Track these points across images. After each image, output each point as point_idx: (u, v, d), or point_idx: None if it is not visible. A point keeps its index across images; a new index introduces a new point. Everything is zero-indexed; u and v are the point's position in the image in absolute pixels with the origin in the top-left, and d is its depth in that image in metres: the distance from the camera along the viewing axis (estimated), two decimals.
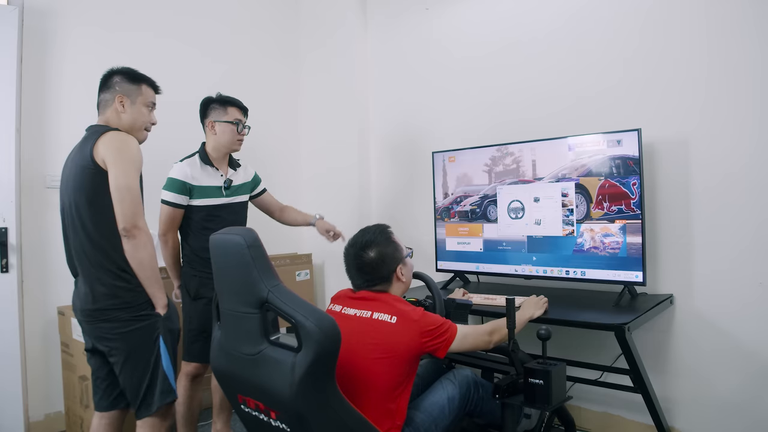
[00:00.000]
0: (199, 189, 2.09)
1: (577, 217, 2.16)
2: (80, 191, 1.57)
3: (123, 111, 1.68)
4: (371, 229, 1.70)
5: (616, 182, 2.05)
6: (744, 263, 1.96)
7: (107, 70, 1.74)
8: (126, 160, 1.56)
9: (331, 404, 1.29)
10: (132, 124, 1.70)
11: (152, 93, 1.77)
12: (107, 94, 1.70)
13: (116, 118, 1.68)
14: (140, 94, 1.72)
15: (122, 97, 1.68)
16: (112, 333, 1.57)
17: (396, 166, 3.21)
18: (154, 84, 1.78)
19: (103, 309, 1.56)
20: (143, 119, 1.73)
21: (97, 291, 1.57)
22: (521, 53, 2.58)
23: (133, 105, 1.70)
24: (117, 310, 1.56)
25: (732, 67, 1.98)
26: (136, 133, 1.71)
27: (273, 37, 3.45)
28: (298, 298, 1.30)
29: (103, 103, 1.71)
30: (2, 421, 2.28)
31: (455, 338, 1.56)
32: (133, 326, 1.57)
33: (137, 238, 1.54)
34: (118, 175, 1.53)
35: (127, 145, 1.58)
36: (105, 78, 1.72)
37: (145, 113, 1.74)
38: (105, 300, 1.56)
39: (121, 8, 2.73)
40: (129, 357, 1.58)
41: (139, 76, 1.74)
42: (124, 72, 1.72)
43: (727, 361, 2.00)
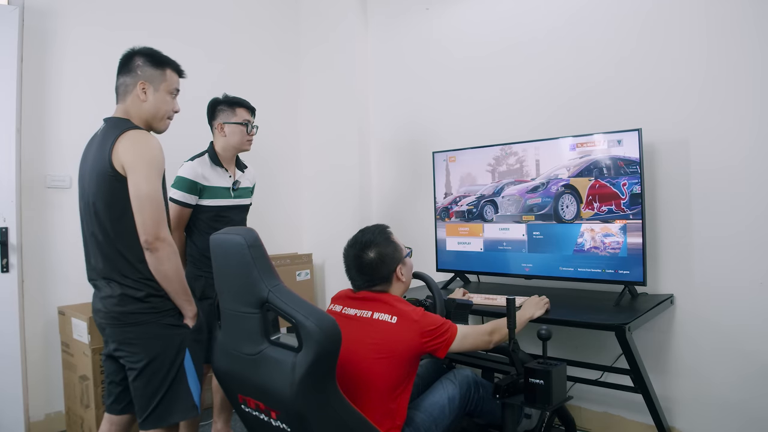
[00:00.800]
0: (209, 189, 2.09)
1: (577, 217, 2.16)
2: (99, 195, 1.46)
3: (145, 99, 1.54)
4: (371, 230, 1.70)
5: (616, 182, 2.05)
6: (744, 263, 1.96)
7: (128, 50, 1.57)
8: (147, 165, 1.42)
9: (331, 404, 1.29)
10: (155, 114, 1.57)
11: (176, 78, 1.62)
12: (128, 77, 1.54)
13: (137, 108, 1.55)
14: (164, 80, 1.57)
15: (144, 83, 1.54)
16: (135, 338, 1.46)
17: (396, 166, 3.21)
18: (179, 68, 1.63)
19: (129, 312, 1.46)
20: (166, 108, 1.59)
21: (122, 294, 1.46)
22: (521, 53, 2.58)
23: (156, 92, 1.55)
24: (143, 314, 1.46)
25: (732, 67, 1.98)
26: (158, 123, 1.59)
27: (273, 37, 3.45)
28: (298, 298, 1.30)
29: (122, 88, 1.55)
30: (3, 420, 2.28)
31: (455, 338, 1.56)
32: (158, 333, 1.47)
33: (160, 251, 1.42)
34: (139, 182, 1.41)
35: (148, 148, 1.45)
36: (126, 59, 1.56)
37: (169, 101, 1.59)
38: (132, 303, 1.46)
39: (121, 8, 2.73)
40: (148, 365, 1.46)
41: (163, 60, 1.58)
42: (146, 54, 1.56)
43: (727, 361, 2.00)
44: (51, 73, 2.53)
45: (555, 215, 2.22)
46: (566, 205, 2.19)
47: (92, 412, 2.20)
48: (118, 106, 1.58)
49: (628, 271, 2.02)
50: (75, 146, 2.54)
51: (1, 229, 2.32)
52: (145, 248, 1.42)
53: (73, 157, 2.53)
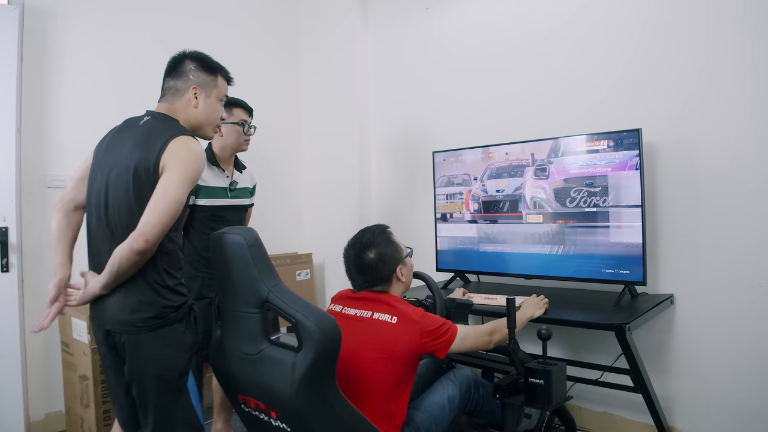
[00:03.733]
0: (205, 189, 2.09)
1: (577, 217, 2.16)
2: (126, 193, 1.38)
3: (196, 105, 1.50)
4: (371, 230, 1.70)
5: (616, 182, 2.05)
6: (744, 263, 1.96)
7: (178, 53, 1.54)
8: (186, 173, 1.36)
9: (331, 404, 1.29)
10: (205, 120, 1.53)
11: (226, 85, 1.60)
12: (179, 81, 1.50)
13: (186, 112, 1.50)
14: (215, 86, 1.54)
15: (197, 89, 1.49)
16: (137, 347, 1.39)
17: (396, 166, 3.21)
18: (229, 75, 1.60)
19: (134, 321, 1.38)
20: (216, 115, 1.56)
21: (130, 300, 1.38)
22: (522, 53, 2.58)
23: (208, 98, 1.52)
24: (149, 321, 1.38)
25: (732, 67, 1.98)
26: (207, 130, 1.55)
27: (273, 36, 3.45)
28: (298, 298, 1.30)
29: (171, 91, 1.51)
30: (2, 420, 2.28)
31: (455, 339, 1.56)
32: (161, 345, 1.39)
33: (146, 256, 1.33)
34: (172, 183, 1.34)
35: (194, 157, 1.39)
36: (176, 62, 1.52)
37: (219, 108, 1.57)
38: (140, 311, 1.38)
39: (122, 8, 2.73)
40: (151, 378, 1.39)
41: (214, 66, 1.55)
42: (198, 59, 1.52)
43: (727, 361, 2.00)
44: (51, 73, 2.52)
45: (555, 215, 2.22)
46: (566, 205, 2.19)
47: (92, 412, 2.20)
48: (162, 104, 1.52)
49: (628, 270, 2.02)
50: (75, 146, 2.56)
51: (1, 228, 2.32)
52: (137, 249, 1.31)
53: (73, 157, 2.54)
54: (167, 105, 1.51)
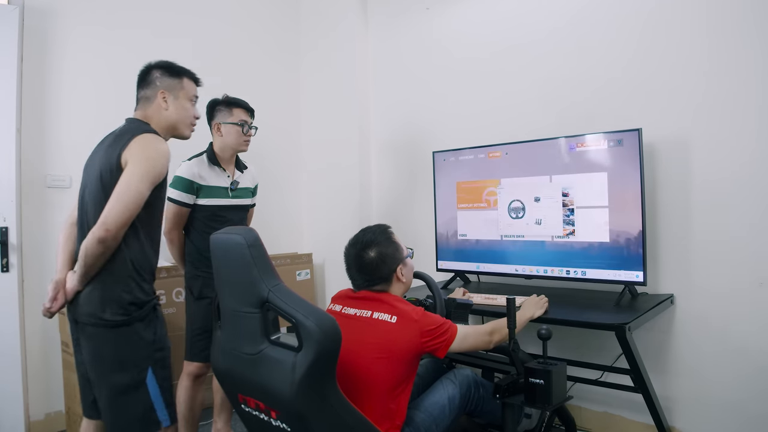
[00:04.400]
0: (206, 189, 2.10)
1: (577, 217, 2.16)
2: (97, 194, 1.48)
3: (166, 107, 1.61)
4: (372, 229, 1.70)
5: (616, 182, 2.05)
6: (744, 263, 1.96)
7: (145, 65, 1.65)
8: (146, 166, 1.45)
9: (331, 404, 1.29)
10: (176, 121, 1.63)
11: (194, 86, 1.70)
12: (148, 90, 1.62)
13: (159, 116, 1.61)
14: (182, 88, 1.64)
15: (164, 92, 1.60)
16: (94, 341, 1.48)
17: (397, 166, 3.21)
18: (195, 76, 1.71)
19: (97, 315, 1.46)
20: (187, 114, 1.66)
21: (96, 294, 1.46)
22: (522, 54, 2.58)
23: (176, 100, 1.62)
24: (112, 317, 1.45)
25: (732, 67, 1.97)
26: (181, 130, 1.66)
27: (273, 36, 3.45)
28: (298, 298, 1.30)
29: (143, 100, 1.62)
30: (3, 420, 2.28)
31: (455, 338, 1.56)
32: (119, 341, 1.46)
33: (111, 248, 1.42)
34: (132, 176, 1.43)
35: (156, 152, 1.48)
36: (143, 73, 1.64)
37: (189, 108, 1.66)
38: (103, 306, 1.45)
39: (121, 7, 2.73)
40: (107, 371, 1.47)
41: (179, 70, 1.66)
42: (163, 66, 1.64)
43: (727, 361, 2.00)
44: (51, 73, 2.53)
45: (555, 215, 2.22)
46: (566, 205, 2.19)
47: None
48: (136, 112, 1.63)
49: (628, 270, 2.02)
50: (75, 146, 2.56)
51: (1, 228, 2.32)
52: (98, 237, 1.39)
53: (73, 157, 2.55)
54: (141, 112, 1.63)
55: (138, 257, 1.50)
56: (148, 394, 1.48)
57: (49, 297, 1.53)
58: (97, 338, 1.48)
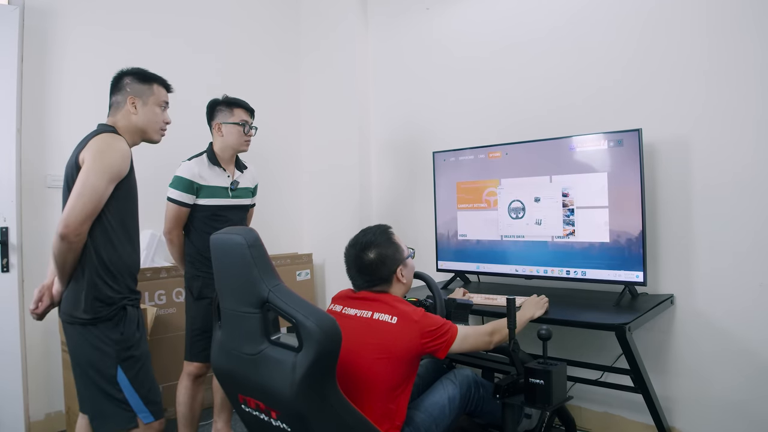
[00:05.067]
0: (206, 189, 2.10)
1: (577, 217, 2.16)
2: (66, 194, 1.54)
3: (135, 112, 1.65)
4: (372, 230, 1.70)
5: (616, 182, 2.05)
6: (744, 263, 1.96)
7: (117, 72, 1.70)
8: (102, 163, 1.49)
9: (331, 404, 1.29)
10: (145, 126, 1.67)
11: (164, 92, 1.74)
12: (118, 95, 1.66)
13: (127, 120, 1.65)
14: (152, 94, 1.69)
15: (134, 98, 1.65)
16: (72, 338, 1.54)
17: (397, 166, 3.21)
18: (166, 83, 1.75)
19: (70, 312, 1.53)
20: (156, 119, 1.70)
21: (71, 293, 1.53)
22: (522, 53, 2.59)
23: (145, 106, 1.67)
24: (81, 315, 1.51)
25: (733, 67, 1.97)
26: (151, 134, 1.70)
27: (273, 36, 3.45)
28: (298, 298, 1.30)
29: (114, 105, 1.67)
30: (3, 420, 2.28)
31: (456, 339, 1.56)
32: (88, 338, 1.51)
33: (75, 244, 1.46)
34: (88, 173, 1.47)
35: (111, 149, 1.52)
36: (115, 80, 1.69)
37: (158, 113, 1.70)
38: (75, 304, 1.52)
39: (122, 8, 2.73)
40: (79, 367, 1.54)
41: (149, 76, 1.71)
42: (134, 73, 1.68)
43: (727, 362, 2.00)
44: (51, 73, 2.53)
45: (555, 215, 2.22)
46: (566, 205, 2.19)
47: None
48: (108, 118, 1.68)
49: (628, 271, 2.02)
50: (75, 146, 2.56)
51: (1, 228, 2.32)
52: (59, 233, 1.43)
53: None
54: (111, 118, 1.68)
55: (109, 255, 1.53)
56: (122, 391, 1.52)
57: (33, 299, 1.60)
58: (71, 335, 1.54)
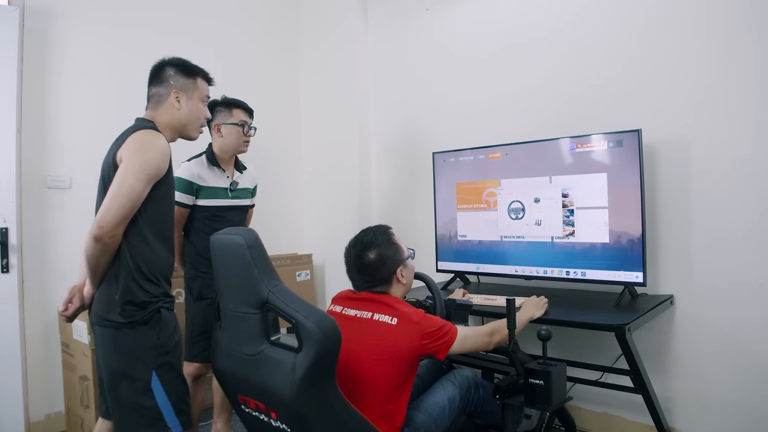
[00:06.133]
0: (205, 189, 2.10)
1: (577, 218, 2.16)
2: (101, 193, 1.46)
3: (179, 107, 1.57)
4: (372, 230, 1.70)
5: (616, 183, 2.05)
6: (744, 264, 1.96)
7: (158, 62, 1.61)
8: (141, 162, 1.41)
9: (331, 404, 1.29)
10: (188, 121, 1.60)
11: (207, 86, 1.67)
12: (160, 87, 1.57)
13: (169, 115, 1.57)
14: (196, 88, 1.61)
15: (178, 92, 1.57)
16: (102, 342, 1.46)
17: (397, 167, 3.21)
18: (208, 76, 1.68)
19: (103, 315, 1.45)
20: (199, 115, 1.62)
21: (103, 296, 1.45)
22: (522, 54, 2.59)
23: (189, 100, 1.59)
24: (115, 318, 1.43)
25: (732, 68, 1.98)
26: (191, 131, 1.62)
27: (273, 37, 3.45)
28: (298, 299, 1.30)
29: (155, 98, 1.58)
30: (2, 421, 2.28)
31: (455, 340, 1.56)
32: (122, 342, 1.43)
33: (109, 246, 1.39)
34: (126, 172, 1.39)
35: (150, 146, 1.44)
36: (156, 70, 1.60)
37: (202, 108, 1.63)
38: (108, 307, 1.44)
39: (122, 8, 2.73)
40: (112, 373, 1.44)
41: (193, 69, 1.63)
42: (177, 64, 1.60)
43: (727, 362, 2.00)
44: (51, 74, 2.53)
45: (555, 215, 2.22)
46: (566, 206, 2.19)
47: (92, 413, 2.20)
48: (147, 111, 1.60)
49: (628, 271, 2.02)
50: (75, 147, 2.57)
51: (1, 229, 2.32)
52: (93, 235, 1.36)
53: (73, 157, 2.56)
54: (150, 111, 1.59)
55: (144, 257, 1.46)
56: (155, 399, 1.44)
57: (63, 300, 1.52)
58: (102, 339, 1.46)
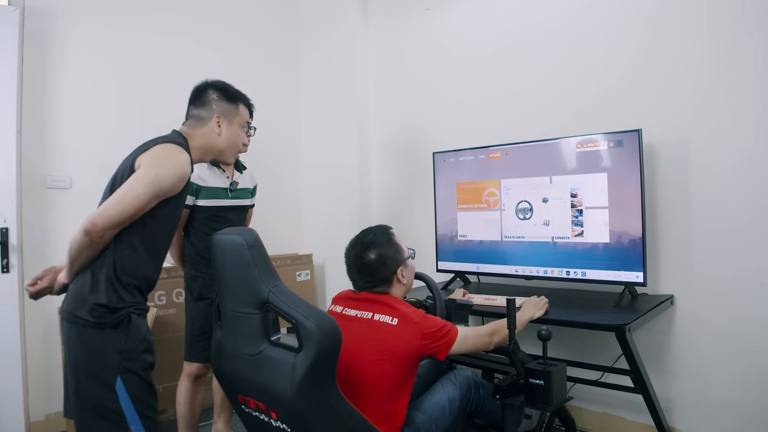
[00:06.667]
0: (205, 189, 2.10)
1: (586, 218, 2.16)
2: (107, 192, 1.43)
3: (220, 132, 1.58)
4: (373, 230, 1.70)
5: (616, 183, 2.05)
6: (744, 264, 1.96)
7: (201, 83, 1.63)
8: (156, 176, 1.38)
9: (331, 404, 1.29)
10: (226, 147, 1.61)
11: (247, 112, 1.70)
12: (202, 110, 1.59)
13: (207, 139, 1.57)
14: (237, 114, 1.63)
15: (220, 117, 1.58)
16: (69, 338, 1.40)
17: (397, 167, 3.21)
18: (249, 102, 1.71)
19: (72, 311, 1.39)
20: (237, 141, 1.64)
21: (76, 290, 1.40)
22: (522, 54, 2.59)
23: (230, 126, 1.61)
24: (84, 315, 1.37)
25: (732, 67, 1.98)
26: (226, 155, 1.63)
27: (273, 36, 3.45)
28: (298, 299, 1.30)
29: (195, 118, 1.59)
30: (3, 421, 2.28)
31: (456, 340, 1.56)
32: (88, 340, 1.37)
33: (96, 242, 1.35)
34: (138, 180, 1.37)
35: (169, 163, 1.41)
36: (199, 92, 1.62)
37: (241, 134, 1.66)
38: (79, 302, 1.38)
39: (122, 8, 2.73)
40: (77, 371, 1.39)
41: (235, 95, 1.66)
42: (220, 88, 1.63)
43: (727, 362, 2.00)
44: (51, 74, 2.53)
45: (555, 215, 2.22)
46: (575, 205, 2.19)
47: None
48: (183, 127, 1.59)
49: (628, 271, 2.02)
50: (75, 147, 2.57)
51: (1, 229, 2.32)
52: (83, 227, 1.33)
53: (73, 157, 2.56)
54: (188, 129, 1.58)
55: (128, 265, 1.42)
56: (118, 402, 1.39)
57: (35, 276, 1.49)
58: (69, 335, 1.41)
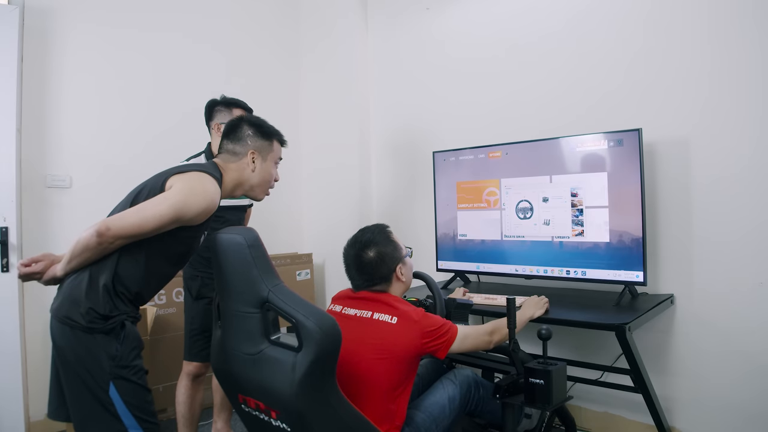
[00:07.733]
0: None
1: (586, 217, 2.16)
2: (128, 203, 1.42)
3: (253, 169, 1.59)
4: (370, 229, 1.70)
5: (616, 182, 2.05)
6: (744, 263, 1.96)
7: (236, 119, 1.64)
8: (183, 202, 1.37)
9: (331, 404, 1.29)
10: (258, 183, 1.62)
11: (281, 149, 1.69)
12: (237, 145, 1.59)
13: (241, 173, 1.58)
14: (271, 150, 1.64)
15: (255, 153, 1.59)
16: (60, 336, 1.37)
17: (397, 166, 3.21)
18: (283, 138, 1.71)
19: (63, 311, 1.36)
20: (269, 178, 1.65)
21: (68, 289, 1.37)
22: (522, 54, 2.58)
23: (264, 162, 1.62)
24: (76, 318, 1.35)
25: (733, 68, 1.97)
26: (257, 191, 1.64)
27: (273, 36, 3.45)
28: (298, 298, 1.30)
29: (230, 152, 1.59)
30: (2, 420, 2.28)
31: (456, 339, 1.56)
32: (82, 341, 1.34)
33: (104, 245, 1.33)
34: (166, 200, 1.36)
35: (200, 194, 1.40)
36: (233, 126, 1.62)
37: (273, 172, 1.66)
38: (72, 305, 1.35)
39: (122, 7, 2.73)
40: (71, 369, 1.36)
41: (270, 131, 1.66)
42: (255, 124, 1.64)
43: (727, 361, 2.00)
44: (51, 73, 2.53)
45: (555, 214, 2.22)
46: (575, 205, 2.19)
47: None
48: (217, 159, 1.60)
49: (629, 271, 2.02)
50: (75, 146, 2.57)
51: (1, 228, 2.32)
52: (96, 229, 1.31)
53: (73, 157, 2.56)
54: (222, 162, 1.58)
55: (129, 277, 1.40)
56: (113, 405, 1.37)
57: (32, 257, 1.44)
58: (62, 336, 1.37)
